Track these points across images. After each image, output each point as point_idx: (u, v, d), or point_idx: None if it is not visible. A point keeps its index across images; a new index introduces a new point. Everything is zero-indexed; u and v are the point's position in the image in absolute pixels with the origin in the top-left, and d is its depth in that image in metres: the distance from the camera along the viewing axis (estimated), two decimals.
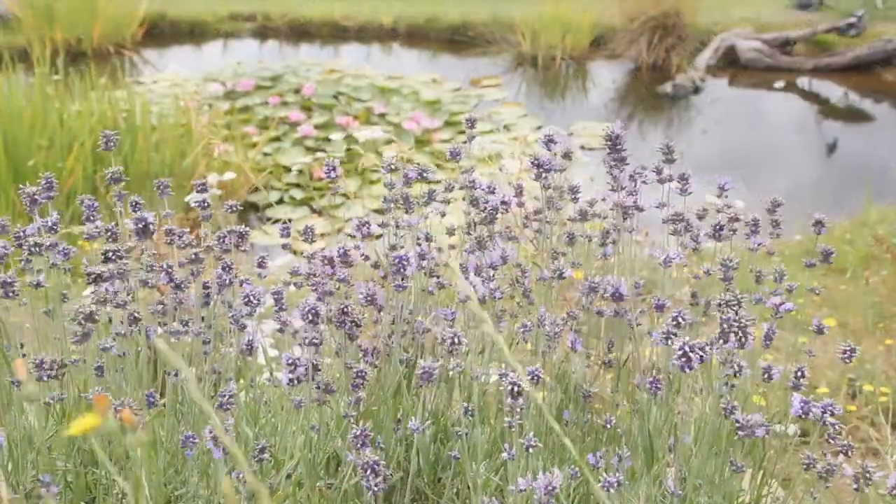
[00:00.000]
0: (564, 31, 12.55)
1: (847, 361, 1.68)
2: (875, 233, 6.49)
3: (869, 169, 9.71)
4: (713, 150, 10.41)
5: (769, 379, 1.41)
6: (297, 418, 1.58)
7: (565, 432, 1.68)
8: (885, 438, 3.14)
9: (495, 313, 1.74)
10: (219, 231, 1.69)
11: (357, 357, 1.66)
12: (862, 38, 12.37)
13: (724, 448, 1.42)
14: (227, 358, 1.75)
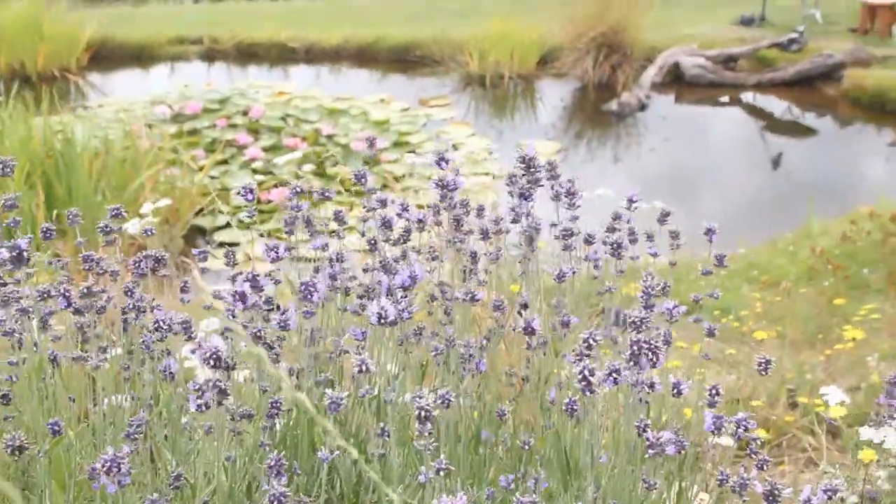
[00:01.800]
0: (512, 50, 12.62)
1: (763, 373, 1.69)
2: (814, 246, 6.57)
3: (812, 182, 9.85)
4: (661, 166, 10.51)
5: (679, 395, 1.41)
6: (218, 444, 1.56)
7: (485, 453, 1.68)
8: (821, 447, 3.17)
9: (406, 335, 1.73)
10: (136, 256, 1.66)
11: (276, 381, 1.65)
12: (803, 53, 12.56)
13: (638, 465, 1.42)
14: (150, 384, 1.72)
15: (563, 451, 1.48)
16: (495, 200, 8.99)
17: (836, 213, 8.23)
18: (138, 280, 1.65)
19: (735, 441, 1.36)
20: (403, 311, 1.57)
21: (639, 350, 1.24)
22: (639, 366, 1.24)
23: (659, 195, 9.78)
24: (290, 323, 1.47)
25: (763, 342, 4.72)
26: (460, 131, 10.82)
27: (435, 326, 1.91)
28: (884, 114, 11.26)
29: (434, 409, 1.18)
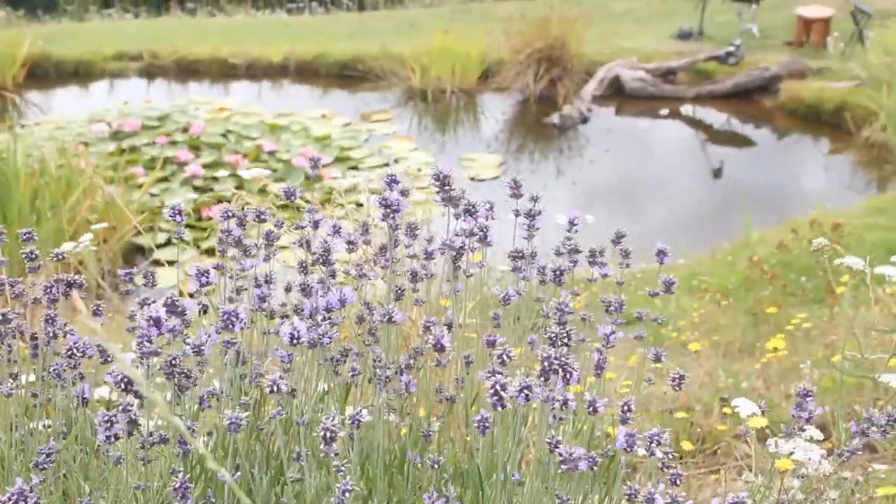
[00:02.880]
0: (453, 64, 12.66)
1: (676, 389, 1.70)
2: (751, 255, 6.66)
3: (751, 192, 9.99)
4: (602, 178, 10.59)
5: (594, 412, 1.41)
6: (127, 473, 1.53)
7: (408, 472, 1.67)
8: (751, 456, 3.20)
9: (332, 356, 1.72)
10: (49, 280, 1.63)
11: (195, 406, 1.62)
12: (740, 66, 12.75)
13: (552, 481, 1.42)
14: (64, 410, 1.69)
15: (476, 469, 1.47)
16: (427, 217, 9.00)
17: (775, 222, 8.36)
18: (52, 304, 1.62)
19: (651, 455, 1.36)
20: (324, 336, 1.56)
21: (549, 367, 1.24)
22: (549, 383, 1.23)
23: (601, 206, 9.90)
24: (204, 349, 1.45)
25: (700, 352, 4.77)
26: (403, 146, 10.82)
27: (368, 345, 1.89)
28: (819, 124, 11.46)
29: (341, 430, 1.17)
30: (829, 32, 13.60)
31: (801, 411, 1.41)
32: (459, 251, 1.89)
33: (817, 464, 1.53)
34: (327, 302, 1.65)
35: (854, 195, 9.53)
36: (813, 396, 1.43)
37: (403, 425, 1.78)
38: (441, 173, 1.81)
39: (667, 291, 2.01)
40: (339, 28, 16.36)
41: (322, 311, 1.64)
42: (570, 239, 1.99)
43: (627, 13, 16.61)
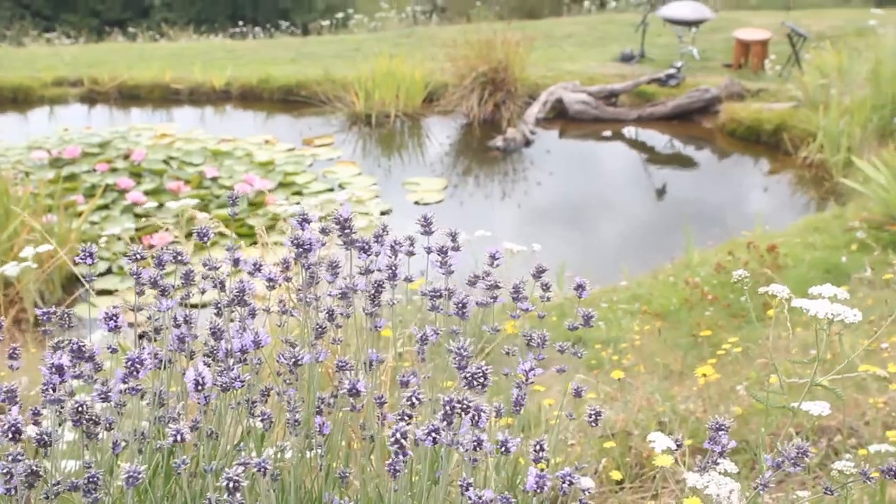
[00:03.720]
0: (397, 88, 12.67)
1: (593, 425, 1.70)
2: (689, 277, 6.71)
3: (693, 212, 10.08)
4: (547, 200, 10.64)
5: (507, 452, 1.40)
6: None
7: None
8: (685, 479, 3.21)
9: (248, 398, 1.69)
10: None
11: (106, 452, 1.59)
12: (681, 87, 12.91)
13: None
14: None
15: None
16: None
17: (717, 242, 8.45)
18: None
19: (564, 494, 1.35)
20: (235, 380, 1.53)
21: (451, 410, 1.23)
22: (454, 426, 1.22)
23: (546, 228, 9.94)
24: (111, 395, 1.42)
25: (640, 375, 4.79)
26: (346, 171, 10.79)
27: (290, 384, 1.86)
28: (759, 145, 11.64)
29: (244, 480, 1.15)
30: (767, 55, 13.83)
31: (715, 445, 1.41)
32: (378, 288, 1.87)
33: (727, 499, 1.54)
34: (242, 343, 1.63)
35: (793, 214, 9.67)
36: (726, 430, 1.43)
37: (322, 466, 1.75)
38: (341, 216, 1.79)
39: (585, 325, 2.00)
40: (282, 53, 16.30)
41: (237, 352, 1.61)
42: (489, 274, 1.97)
43: (570, 37, 16.76)
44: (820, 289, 1.82)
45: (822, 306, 1.73)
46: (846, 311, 1.70)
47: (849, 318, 1.70)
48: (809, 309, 1.73)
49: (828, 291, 1.80)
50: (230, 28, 21.02)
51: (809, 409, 1.87)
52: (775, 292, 1.89)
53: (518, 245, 5.16)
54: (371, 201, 9.85)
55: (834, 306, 1.72)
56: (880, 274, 6.47)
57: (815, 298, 1.79)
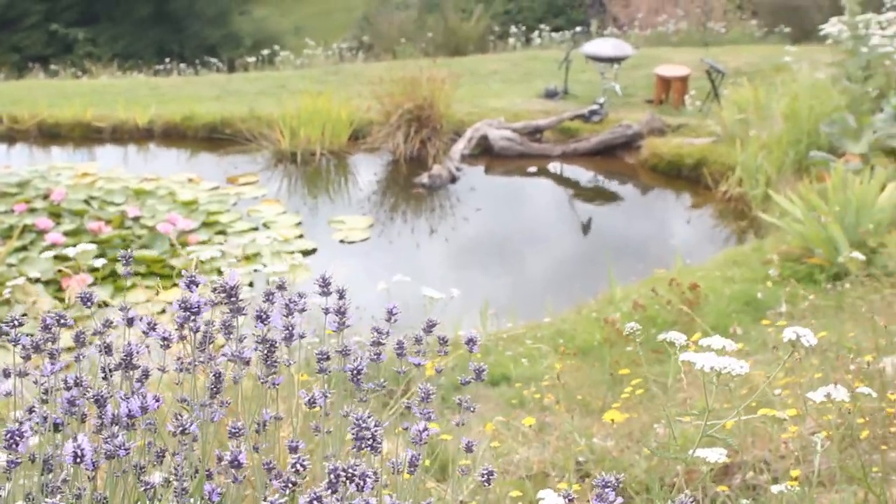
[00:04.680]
0: (323, 126, 12.65)
1: (486, 485, 1.69)
2: (607, 315, 6.77)
3: (617, 247, 10.21)
4: (474, 236, 10.69)
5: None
6: None
7: None
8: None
9: (136, 463, 1.66)
10: None
11: None
12: (604, 123, 13.10)
13: None
14: None
15: None
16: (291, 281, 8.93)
17: (640, 276, 8.53)
18: None
19: None
20: (120, 448, 1.50)
21: (336, 479, 1.21)
22: (338, 494, 1.20)
23: (471, 265, 9.97)
24: None
25: (559, 413, 4.81)
26: (271, 209, 10.73)
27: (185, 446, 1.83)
28: (680, 179, 11.84)
29: None
30: (687, 91, 14.11)
31: (601, 502, 1.41)
32: (271, 348, 1.84)
33: None
34: (128, 409, 1.59)
35: (714, 248, 9.84)
36: (613, 487, 1.43)
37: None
38: (227, 284, 1.76)
39: (477, 379, 2.00)
40: (207, 90, 16.20)
41: (124, 418, 1.58)
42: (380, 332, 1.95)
43: (496, 73, 16.93)
44: (709, 340, 1.84)
45: (708, 360, 1.75)
46: (733, 364, 1.73)
47: (735, 370, 1.72)
48: (696, 363, 1.75)
49: (717, 343, 1.82)
50: (154, 65, 20.84)
51: (707, 456, 1.89)
52: (673, 339, 1.91)
53: (436, 292, 5.16)
54: (295, 240, 9.79)
55: (721, 360, 1.74)
56: (797, 307, 6.60)
57: (704, 351, 1.82)
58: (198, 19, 31.36)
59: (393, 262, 9.95)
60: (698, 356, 1.76)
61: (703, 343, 1.85)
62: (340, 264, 9.59)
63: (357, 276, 8.76)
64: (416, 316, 6.28)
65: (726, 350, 1.79)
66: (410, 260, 10.09)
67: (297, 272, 8.97)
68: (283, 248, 9.53)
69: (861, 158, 9.75)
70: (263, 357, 1.79)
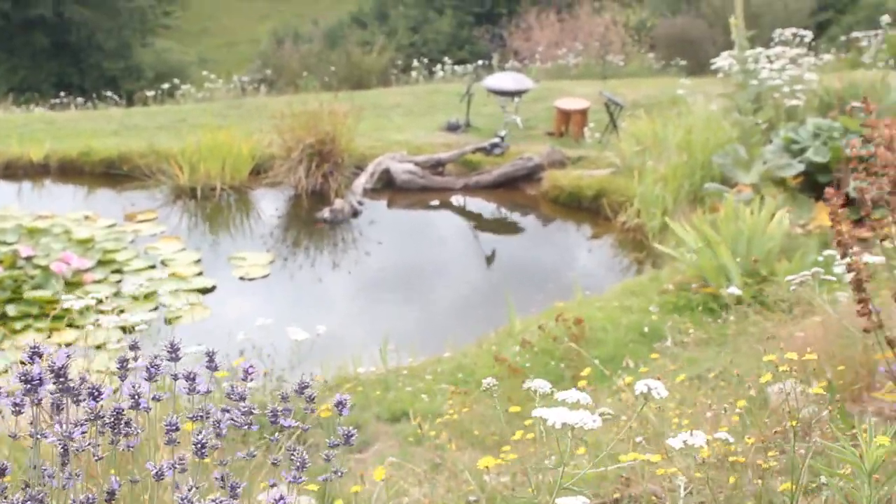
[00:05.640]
0: (224, 161, 12.50)
1: None
2: (497, 352, 6.80)
3: (519, 279, 10.30)
4: (376, 270, 10.67)
5: None
6: None
7: None
8: None
9: None
10: None
11: None
12: (505, 156, 13.23)
13: None
14: None
15: None
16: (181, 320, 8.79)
17: (541, 308, 8.60)
18: None
19: None
20: None
21: None
22: None
23: (373, 299, 9.94)
24: None
25: (455, 451, 4.80)
26: (170, 246, 10.55)
27: None
28: (580, 211, 12.00)
29: None
30: (587, 123, 14.34)
31: None
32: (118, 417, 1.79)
33: None
34: None
35: (614, 278, 9.99)
36: None
37: None
38: (55, 365, 1.69)
39: (346, 443, 1.98)
40: (105, 124, 15.90)
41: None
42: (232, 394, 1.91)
43: (398, 106, 16.98)
44: (565, 394, 1.86)
45: (559, 415, 1.76)
46: (586, 418, 1.74)
47: (588, 424, 1.74)
48: (547, 419, 1.77)
49: (572, 397, 1.84)
50: (51, 99, 20.40)
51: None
52: (536, 387, 1.92)
53: (302, 333, 5.12)
54: (194, 278, 9.64)
55: (573, 415, 1.76)
56: (691, 337, 6.72)
57: (557, 406, 1.83)
58: (98, 51, 30.89)
59: (293, 298, 9.87)
60: (550, 412, 1.77)
61: (558, 397, 1.86)
62: (239, 301, 9.50)
63: (256, 312, 8.66)
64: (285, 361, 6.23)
65: (580, 403, 1.80)
66: (312, 296, 10.02)
67: (194, 311, 8.84)
68: (182, 287, 9.37)
69: (752, 189, 10.02)
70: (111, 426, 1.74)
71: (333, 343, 8.03)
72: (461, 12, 29.15)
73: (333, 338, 8.32)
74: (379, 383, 7.09)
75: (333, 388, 6.89)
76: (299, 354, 6.26)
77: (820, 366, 5.16)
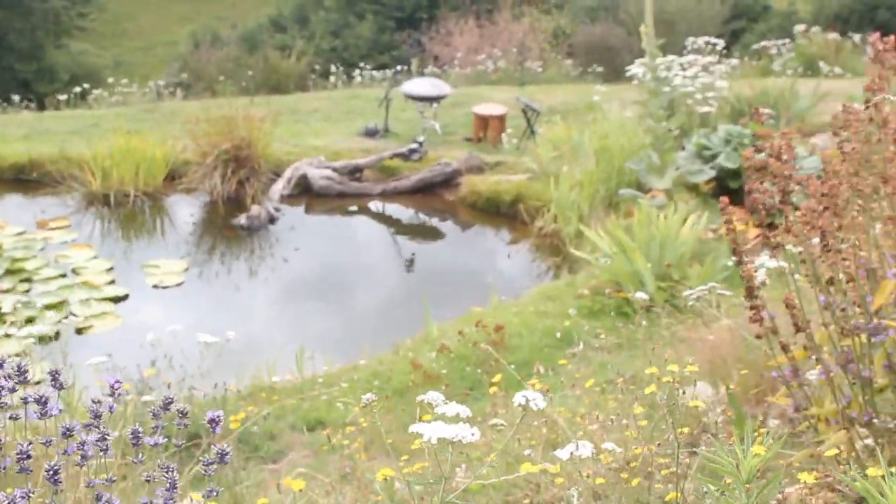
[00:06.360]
0: (137, 166, 12.28)
1: None
2: (413, 359, 6.80)
3: (438, 284, 10.31)
4: (293, 277, 10.59)
5: None
6: None
7: None
8: None
9: None
10: None
11: None
12: (424, 162, 13.23)
13: None
14: None
15: None
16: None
17: (457, 313, 8.59)
18: None
19: None
20: None
21: None
22: None
23: (290, 306, 9.86)
24: None
25: (367, 460, 4.78)
26: (81, 254, 10.33)
27: None
28: (498, 216, 12.06)
29: None
30: (504, 129, 14.42)
31: None
32: None
33: None
34: None
35: (531, 282, 10.04)
36: None
37: None
38: None
39: (222, 461, 1.95)
40: (14, 129, 15.52)
41: None
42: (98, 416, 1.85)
43: (316, 112, 16.88)
44: (445, 408, 1.86)
45: (436, 430, 1.76)
46: (464, 433, 1.75)
47: (467, 438, 1.75)
48: (423, 433, 1.76)
49: (451, 411, 1.84)
50: None
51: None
52: (430, 400, 1.92)
53: (211, 337, 5.07)
54: (106, 287, 9.46)
55: (450, 429, 1.76)
56: (604, 341, 6.79)
57: (435, 421, 1.83)
58: (10, 52, 30.13)
59: (208, 306, 9.75)
60: (427, 427, 1.77)
61: (438, 411, 1.86)
62: (152, 310, 9.34)
63: (170, 321, 8.52)
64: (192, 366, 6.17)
65: (461, 417, 1.80)
66: (228, 304, 9.90)
67: (106, 320, 8.69)
68: (94, 296, 9.19)
69: (665, 194, 10.18)
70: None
71: (249, 351, 7.95)
72: (382, 17, 29.10)
73: (250, 346, 8.25)
74: (294, 392, 7.03)
75: (247, 397, 6.81)
76: (211, 362, 6.19)
77: (727, 370, 5.27)
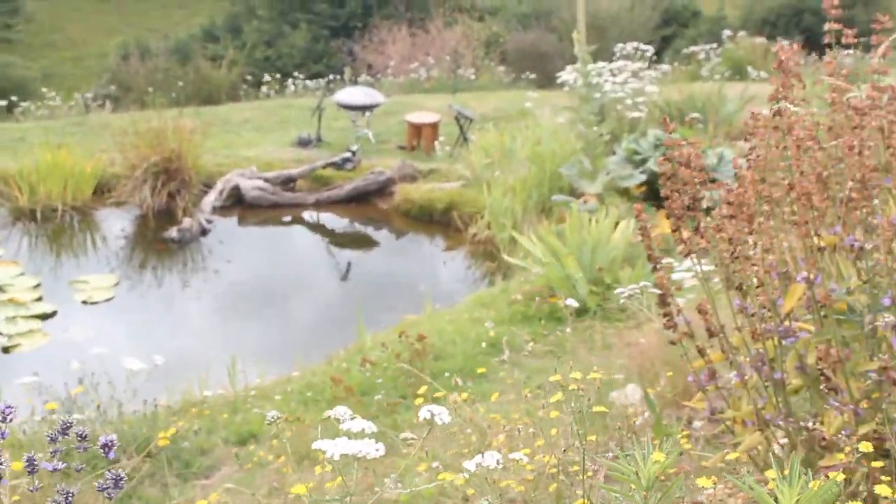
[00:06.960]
0: (66, 180, 12.07)
1: None
2: (334, 374, 6.77)
3: (372, 293, 10.27)
4: (225, 290, 10.49)
5: None
6: None
7: None
8: None
9: None
10: None
11: None
12: (357, 171, 13.19)
13: None
14: None
15: None
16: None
17: (390, 323, 8.57)
18: None
19: None
20: None
21: None
22: None
23: (222, 319, 9.74)
24: None
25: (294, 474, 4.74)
26: (7, 271, 10.11)
27: None
28: (432, 224, 12.06)
29: None
30: (437, 136, 14.43)
31: None
32: None
33: None
34: None
35: (466, 289, 10.05)
36: None
37: None
38: None
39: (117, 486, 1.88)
40: None
41: None
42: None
43: (248, 122, 16.75)
44: (349, 424, 1.84)
45: (340, 447, 1.75)
46: (368, 448, 1.73)
47: (371, 453, 1.73)
48: (326, 450, 1.75)
49: (356, 426, 1.83)
50: None
51: None
52: (338, 416, 1.90)
53: (139, 363, 5.00)
54: (33, 304, 9.28)
55: (353, 444, 1.74)
56: (536, 347, 6.80)
57: (340, 437, 1.81)
58: None
59: (139, 321, 9.61)
60: (330, 443, 1.75)
61: (342, 427, 1.84)
62: (81, 327, 9.18)
63: (99, 337, 8.40)
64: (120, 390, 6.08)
65: (365, 432, 1.79)
66: (159, 317, 9.77)
67: (33, 338, 8.52)
68: (20, 313, 9.01)
69: (597, 199, 10.26)
70: None
71: (182, 365, 7.85)
72: (316, 26, 28.95)
73: (182, 360, 8.14)
74: (227, 405, 6.95)
75: (179, 412, 6.72)
76: (142, 379, 6.11)
77: (655, 372, 5.32)
